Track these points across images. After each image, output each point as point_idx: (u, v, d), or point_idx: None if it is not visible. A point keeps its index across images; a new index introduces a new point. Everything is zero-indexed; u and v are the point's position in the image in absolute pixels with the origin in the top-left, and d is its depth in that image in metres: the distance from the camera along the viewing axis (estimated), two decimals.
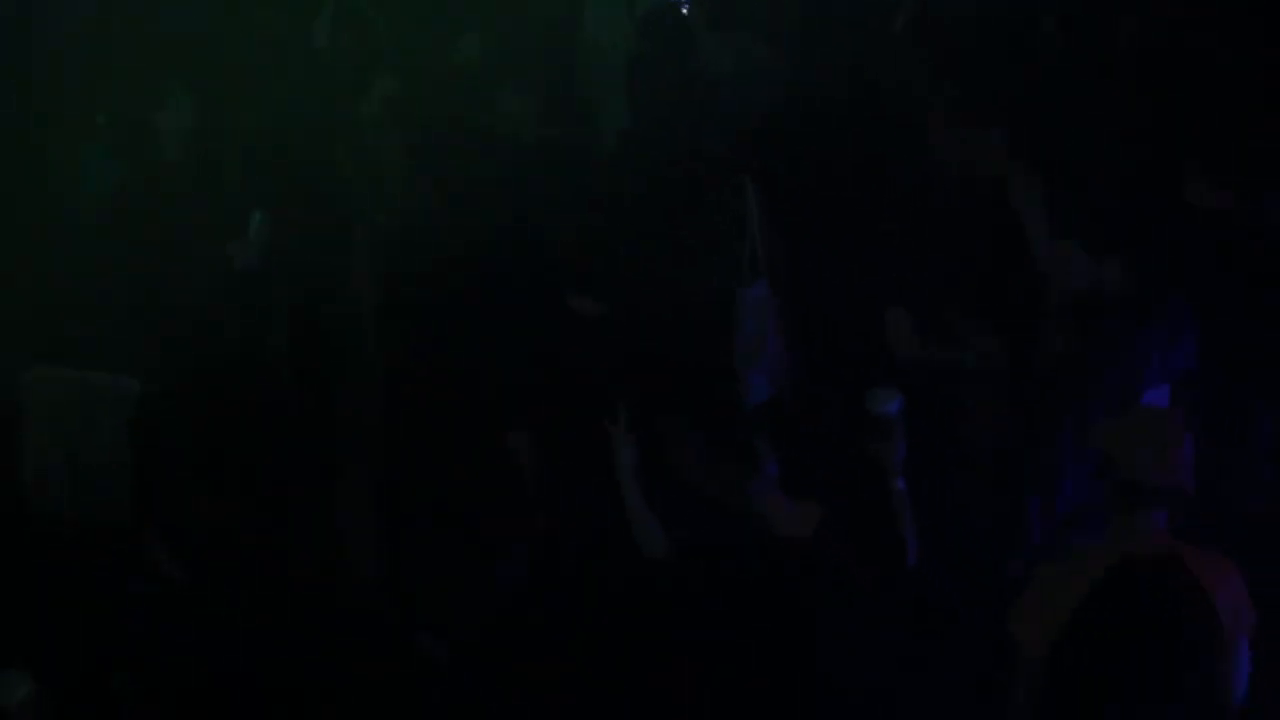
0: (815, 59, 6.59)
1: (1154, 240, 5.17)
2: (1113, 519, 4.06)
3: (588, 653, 4.94)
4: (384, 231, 6.13)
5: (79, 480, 5.35)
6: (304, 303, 6.11)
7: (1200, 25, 6.31)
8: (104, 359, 5.59)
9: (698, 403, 5.06)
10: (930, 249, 5.46)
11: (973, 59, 6.09)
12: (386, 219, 6.14)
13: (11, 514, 5.43)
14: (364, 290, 6.15)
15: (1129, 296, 4.91)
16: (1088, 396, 4.73)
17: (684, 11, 7.04)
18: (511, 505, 5.26)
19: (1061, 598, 3.99)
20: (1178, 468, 4.01)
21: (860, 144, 5.91)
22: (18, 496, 5.44)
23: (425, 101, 6.42)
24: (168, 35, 7.27)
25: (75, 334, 5.71)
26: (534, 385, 5.19)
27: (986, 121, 5.49)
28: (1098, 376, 4.80)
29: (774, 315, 5.72)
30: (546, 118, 6.29)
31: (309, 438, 5.79)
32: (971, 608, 4.90)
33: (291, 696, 4.52)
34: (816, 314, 5.72)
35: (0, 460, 5.47)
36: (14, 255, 6.10)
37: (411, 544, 5.45)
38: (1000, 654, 4.32)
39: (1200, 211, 5.32)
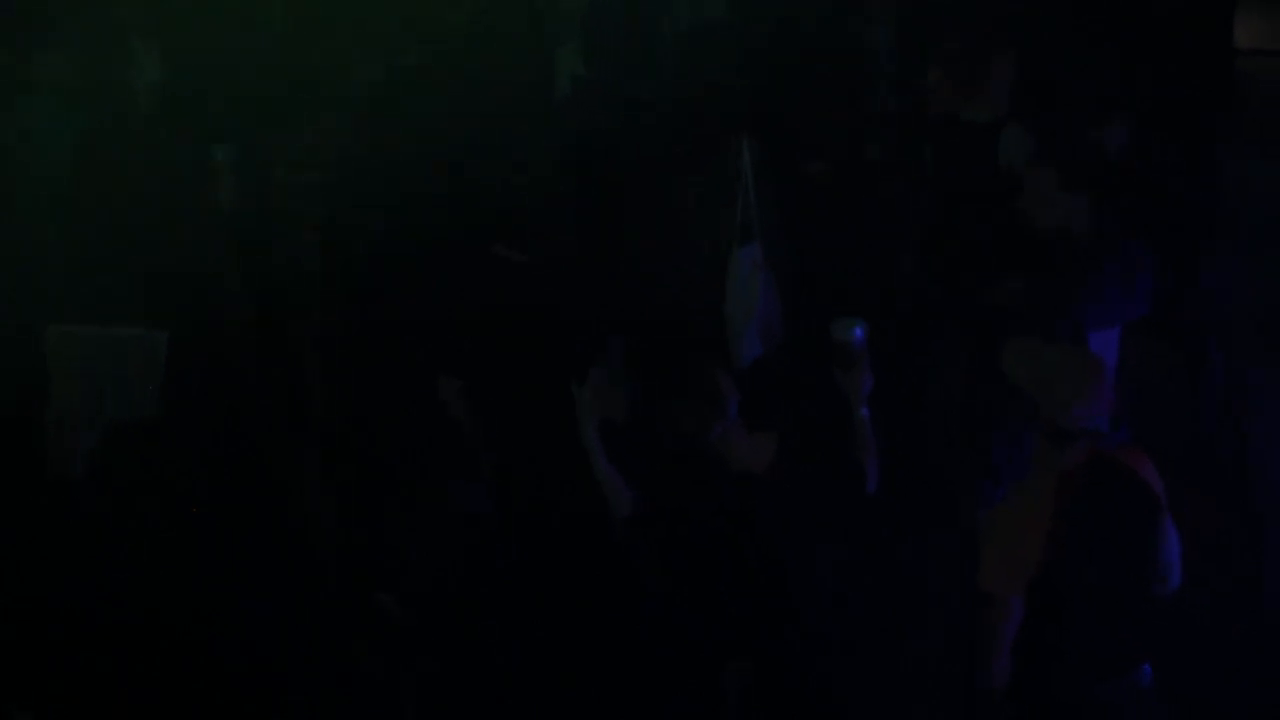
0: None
1: (1121, 182, 5.34)
2: (1037, 450, 4.25)
3: (550, 611, 5.04)
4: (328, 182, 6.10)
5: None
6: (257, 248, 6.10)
7: None
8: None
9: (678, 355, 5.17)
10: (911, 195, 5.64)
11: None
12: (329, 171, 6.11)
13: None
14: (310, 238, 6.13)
15: (1092, 236, 5.05)
16: (1045, 333, 4.79)
17: None
18: (448, 452, 5.29)
19: (1025, 540, 4.14)
20: (1098, 409, 4.14)
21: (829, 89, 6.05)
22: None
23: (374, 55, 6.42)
24: None
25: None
26: (466, 334, 5.15)
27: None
28: (1056, 313, 4.90)
29: (766, 275, 5.76)
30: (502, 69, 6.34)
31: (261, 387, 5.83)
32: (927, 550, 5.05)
33: (252, 655, 4.52)
34: (809, 272, 5.78)
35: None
36: None
37: (360, 496, 5.43)
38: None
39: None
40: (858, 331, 4.61)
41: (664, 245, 5.63)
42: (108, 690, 4.45)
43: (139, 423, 5.03)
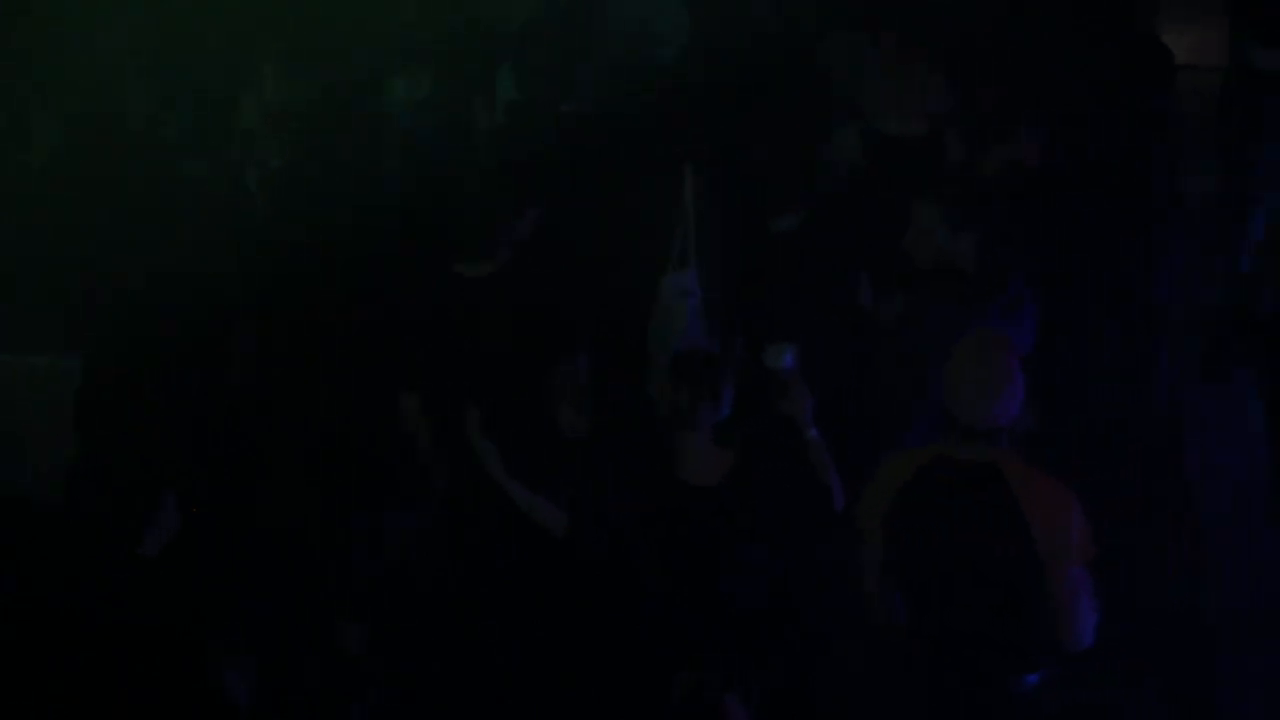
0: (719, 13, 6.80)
1: (1004, 220, 5.51)
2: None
3: (500, 628, 5.15)
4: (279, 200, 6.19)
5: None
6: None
7: None
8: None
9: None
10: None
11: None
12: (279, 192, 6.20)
13: None
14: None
15: (976, 271, 5.26)
16: (926, 357, 4.96)
17: None
18: (404, 465, 5.35)
19: (886, 487, 4.40)
20: (1004, 411, 4.27)
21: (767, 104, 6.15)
22: None
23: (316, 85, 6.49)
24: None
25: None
26: (425, 351, 5.23)
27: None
28: (936, 341, 4.96)
29: (695, 302, 5.82)
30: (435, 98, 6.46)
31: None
32: None
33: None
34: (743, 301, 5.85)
35: None
36: None
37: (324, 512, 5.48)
38: None
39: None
40: (788, 358, 4.73)
41: (600, 264, 5.65)
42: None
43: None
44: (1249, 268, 6.58)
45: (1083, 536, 4.24)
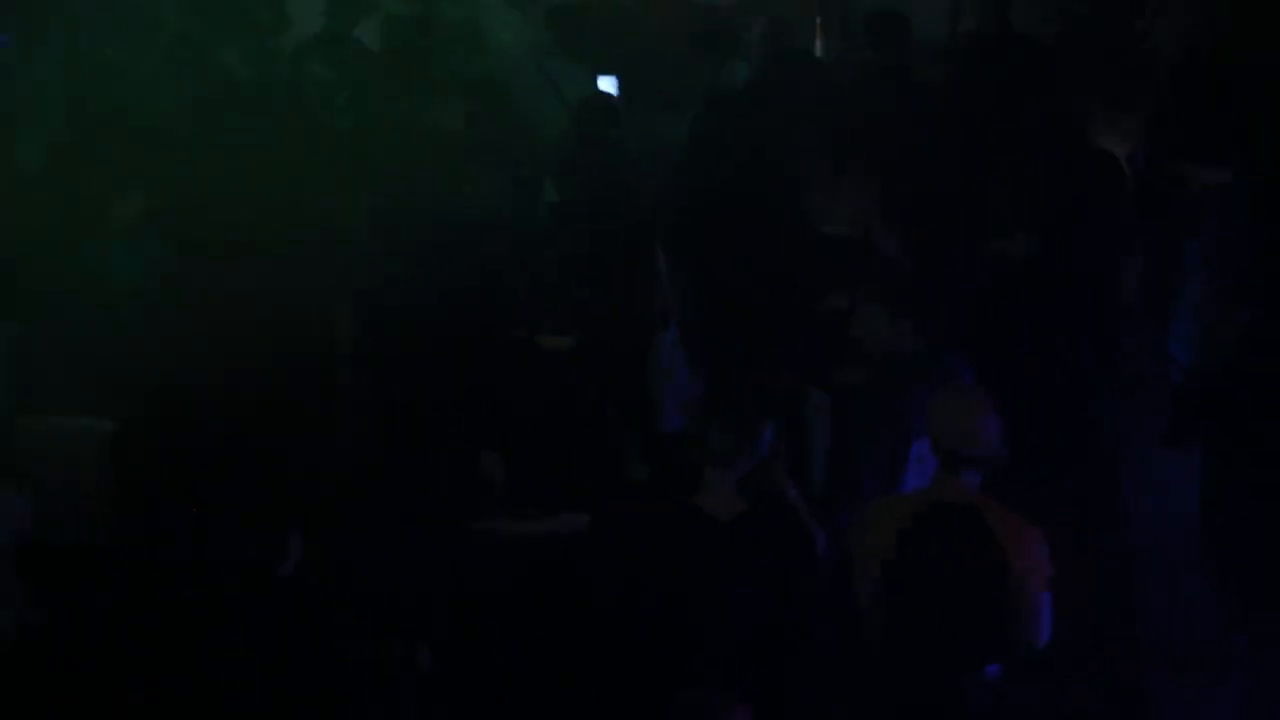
0: (718, 138, 7.65)
1: (944, 306, 6.15)
2: (937, 475, 5.07)
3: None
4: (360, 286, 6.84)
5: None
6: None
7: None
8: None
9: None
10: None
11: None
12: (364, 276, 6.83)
13: None
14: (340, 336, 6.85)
15: (918, 353, 5.88)
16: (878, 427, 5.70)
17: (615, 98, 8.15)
18: (481, 513, 5.85)
19: (882, 528, 4.98)
20: (986, 440, 4.95)
21: (753, 212, 6.94)
22: None
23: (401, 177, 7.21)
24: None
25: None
26: (504, 414, 5.82)
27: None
28: (888, 414, 5.72)
29: (681, 355, 6.60)
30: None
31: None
32: None
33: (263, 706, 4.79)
34: (718, 356, 6.56)
35: None
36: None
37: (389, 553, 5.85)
38: None
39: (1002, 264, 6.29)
40: (767, 435, 5.15)
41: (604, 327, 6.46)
42: None
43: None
44: (1186, 360, 6.92)
45: (1047, 565, 4.95)
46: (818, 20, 10.28)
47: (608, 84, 8.75)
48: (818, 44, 10.36)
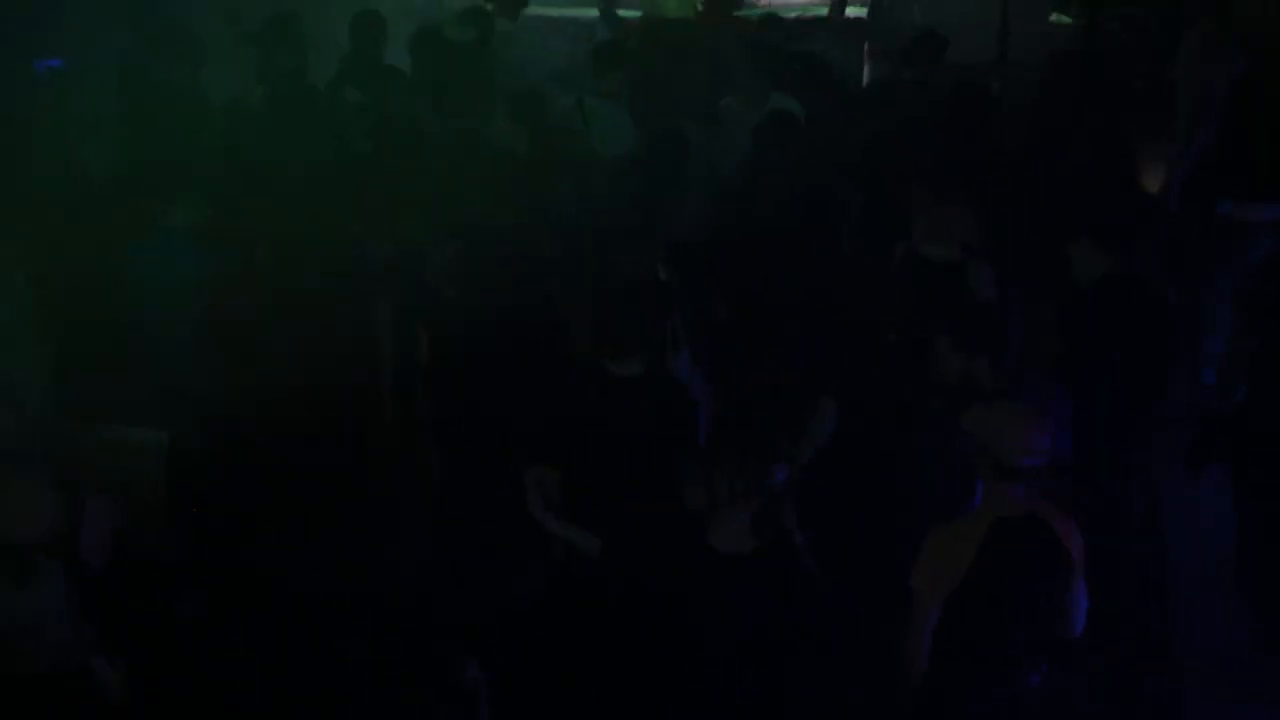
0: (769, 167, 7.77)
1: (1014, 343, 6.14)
2: (985, 488, 5.08)
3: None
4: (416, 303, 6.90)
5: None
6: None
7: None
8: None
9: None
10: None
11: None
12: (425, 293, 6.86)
13: None
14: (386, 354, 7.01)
15: (995, 388, 5.78)
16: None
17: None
18: (531, 531, 5.87)
19: (953, 556, 4.95)
20: (1036, 451, 4.95)
21: (791, 243, 7.04)
22: None
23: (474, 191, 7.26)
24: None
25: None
26: (557, 429, 5.81)
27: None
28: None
29: (697, 372, 6.57)
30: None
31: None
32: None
33: None
34: (730, 378, 6.56)
35: None
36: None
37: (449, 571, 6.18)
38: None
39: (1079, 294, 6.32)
40: (780, 474, 5.13)
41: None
42: None
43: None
44: (1214, 380, 7.16)
45: (1081, 551, 5.07)
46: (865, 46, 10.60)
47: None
48: (865, 68, 10.69)
